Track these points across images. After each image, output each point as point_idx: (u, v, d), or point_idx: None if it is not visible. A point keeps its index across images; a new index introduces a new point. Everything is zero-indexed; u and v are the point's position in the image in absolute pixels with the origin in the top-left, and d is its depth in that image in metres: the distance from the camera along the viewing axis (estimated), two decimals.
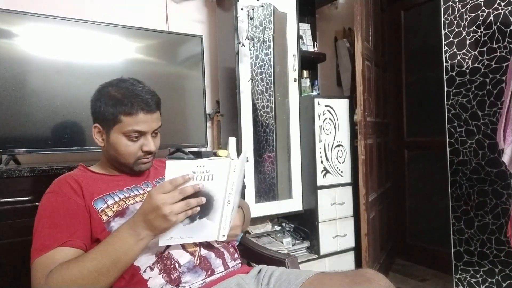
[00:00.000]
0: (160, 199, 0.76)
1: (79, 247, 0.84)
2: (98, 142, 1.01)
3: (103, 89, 0.99)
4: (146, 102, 0.95)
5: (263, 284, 0.94)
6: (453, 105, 1.77)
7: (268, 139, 2.22)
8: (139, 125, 0.95)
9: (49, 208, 0.89)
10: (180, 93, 1.86)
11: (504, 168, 1.52)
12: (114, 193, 0.96)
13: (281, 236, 2.22)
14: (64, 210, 0.88)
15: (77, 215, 0.88)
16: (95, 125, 1.00)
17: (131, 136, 0.96)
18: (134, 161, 0.99)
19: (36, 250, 0.82)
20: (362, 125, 2.04)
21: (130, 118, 0.94)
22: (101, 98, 0.97)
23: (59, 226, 0.85)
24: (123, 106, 0.94)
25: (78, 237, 0.85)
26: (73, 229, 0.86)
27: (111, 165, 1.03)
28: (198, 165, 0.81)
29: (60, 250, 0.82)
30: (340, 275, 0.89)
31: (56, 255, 0.81)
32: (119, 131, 0.95)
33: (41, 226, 0.86)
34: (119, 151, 0.97)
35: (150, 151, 0.99)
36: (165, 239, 0.84)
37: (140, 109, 0.94)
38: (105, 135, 0.99)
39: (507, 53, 1.57)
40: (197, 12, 2.22)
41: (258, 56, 2.22)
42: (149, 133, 0.98)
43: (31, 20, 1.48)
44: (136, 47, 1.73)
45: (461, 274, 1.79)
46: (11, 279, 1.22)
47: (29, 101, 1.45)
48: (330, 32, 2.77)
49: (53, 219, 0.87)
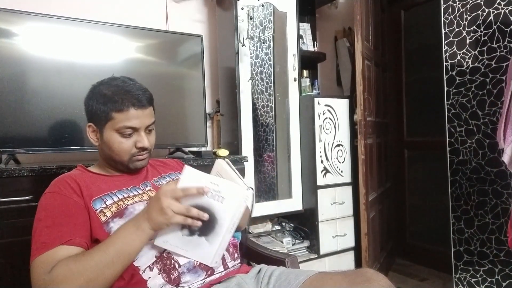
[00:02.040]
0: (163, 191, 0.80)
1: (81, 245, 0.84)
2: (93, 141, 1.01)
3: (95, 88, 1.00)
4: (137, 97, 0.96)
5: (263, 284, 0.94)
6: (453, 104, 1.77)
7: (268, 139, 2.22)
8: (131, 121, 0.95)
9: (49, 207, 0.89)
10: (180, 92, 1.86)
11: (504, 168, 1.52)
12: (113, 193, 0.96)
13: (281, 235, 2.22)
14: (64, 209, 0.88)
15: (77, 214, 0.88)
16: (89, 124, 1.01)
17: (124, 133, 0.96)
18: (128, 158, 0.99)
19: (37, 248, 0.82)
20: (362, 125, 2.03)
21: (121, 114, 0.94)
22: (93, 97, 0.98)
23: (60, 225, 0.85)
24: (113, 103, 0.94)
25: (80, 236, 0.85)
26: (74, 228, 0.86)
27: (108, 165, 1.03)
28: (212, 182, 0.81)
29: (62, 248, 0.82)
30: (340, 275, 0.89)
31: (58, 253, 0.81)
32: (111, 128, 0.96)
33: (41, 225, 0.86)
34: (112, 149, 0.97)
35: (144, 147, 0.99)
36: (161, 240, 0.85)
37: (131, 104, 0.94)
38: (99, 133, 0.99)
39: (507, 52, 1.57)
40: (197, 12, 2.22)
41: (258, 56, 2.22)
42: (142, 129, 0.98)
43: (31, 19, 1.48)
44: (136, 47, 1.73)
45: (461, 274, 1.79)
46: (11, 279, 1.22)
47: (29, 101, 1.45)
48: (330, 32, 2.77)
49: (54, 219, 0.87)
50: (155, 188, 1.04)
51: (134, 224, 0.83)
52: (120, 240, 0.81)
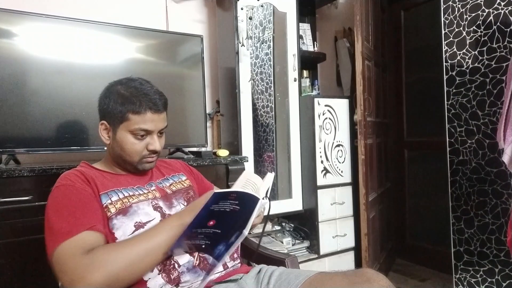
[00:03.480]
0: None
1: (103, 232, 0.85)
2: (103, 139, 1.02)
3: (112, 87, 1.00)
4: (155, 102, 0.97)
5: (263, 284, 0.94)
6: (453, 105, 1.77)
7: (268, 139, 2.22)
8: (146, 124, 0.96)
9: (65, 198, 0.88)
10: (180, 93, 1.86)
11: (504, 168, 1.52)
12: (119, 190, 0.96)
13: (281, 235, 2.22)
14: (81, 198, 0.88)
15: (93, 202, 0.89)
16: (102, 122, 1.01)
17: (138, 135, 0.97)
18: (138, 160, 1.00)
19: (61, 235, 0.79)
20: (362, 125, 2.03)
21: (138, 116, 0.95)
22: (110, 95, 0.98)
23: (80, 213, 0.85)
24: (131, 105, 0.95)
25: (100, 223, 0.86)
26: (94, 215, 0.86)
27: (116, 163, 1.03)
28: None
29: (89, 234, 0.81)
30: (340, 275, 0.89)
31: (85, 238, 0.80)
32: (126, 129, 0.97)
33: (58, 215, 0.84)
34: (124, 149, 0.98)
35: (155, 150, 1.00)
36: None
37: (148, 108, 0.96)
38: (112, 132, 1.00)
39: (507, 53, 1.57)
40: (197, 12, 2.22)
41: (258, 56, 2.22)
42: (155, 132, 0.99)
43: (31, 19, 1.48)
44: (136, 47, 1.73)
45: (461, 274, 1.79)
46: (11, 279, 1.22)
47: (29, 101, 1.45)
48: (330, 32, 2.77)
49: (71, 208, 0.86)
50: (158, 189, 1.05)
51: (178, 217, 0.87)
52: (166, 233, 0.84)
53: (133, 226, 0.90)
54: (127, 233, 0.89)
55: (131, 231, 0.89)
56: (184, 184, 1.13)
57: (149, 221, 0.93)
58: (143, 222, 0.92)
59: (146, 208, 0.95)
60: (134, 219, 0.91)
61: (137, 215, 0.92)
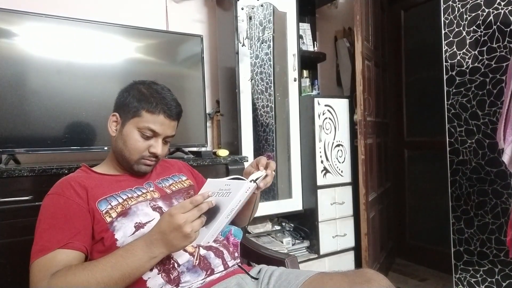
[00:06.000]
0: (181, 218, 0.77)
1: (80, 249, 0.85)
2: (110, 131, 1.03)
3: (135, 84, 1.04)
4: (170, 107, 1.00)
5: (263, 284, 0.95)
6: (453, 104, 1.77)
7: (268, 139, 2.22)
8: (156, 125, 0.98)
9: (51, 209, 0.90)
10: (180, 92, 1.85)
11: (504, 168, 1.52)
12: (117, 195, 0.97)
13: (281, 235, 2.22)
14: (65, 212, 0.88)
15: (78, 217, 0.89)
16: (114, 113, 1.03)
17: (144, 134, 0.98)
18: (137, 159, 1.00)
19: (36, 251, 0.83)
20: (362, 125, 2.03)
21: (150, 116, 0.97)
22: (130, 91, 1.01)
23: (59, 228, 0.86)
24: (148, 103, 0.98)
25: (79, 240, 0.86)
26: (74, 231, 0.86)
27: (116, 161, 1.04)
28: (226, 184, 0.89)
29: (60, 252, 0.82)
30: (340, 275, 0.89)
31: (57, 257, 0.81)
32: (135, 124, 0.98)
33: (41, 227, 0.87)
34: (127, 144, 0.99)
35: (156, 154, 1.00)
36: None
37: (162, 111, 0.98)
38: (120, 125, 1.01)
39: (507, 52, 1.57)
40: (197, 12, 2.22)
41: (258, 56, 2.22)
42: (161, 136, 1.00)
43: (31, 19, 1.48)
44: (136, 47, 1.73)
45: (461, 274, 1.79)
46: (11, 279, 1.22)
47: (29, 101, 1.45)
48: (330, 32, 2.77)
49: (54, 221, 0.87)
50: (157, 189, 1.05)
51: (146, 251, 0.80)
52: (129, 266, 0.79)
53: (133, 227, 0.91)
54: (127, 234, 0.89)
55: (131, 232, 0.90)
56: (185, 184, 1.13)
57: (149, 221, 0.93)
58: (143, 223, 0.92)
59: (145, 209, 0.95)
60: (134, 220, 0.92)
61: (137, 216, 0.93)
